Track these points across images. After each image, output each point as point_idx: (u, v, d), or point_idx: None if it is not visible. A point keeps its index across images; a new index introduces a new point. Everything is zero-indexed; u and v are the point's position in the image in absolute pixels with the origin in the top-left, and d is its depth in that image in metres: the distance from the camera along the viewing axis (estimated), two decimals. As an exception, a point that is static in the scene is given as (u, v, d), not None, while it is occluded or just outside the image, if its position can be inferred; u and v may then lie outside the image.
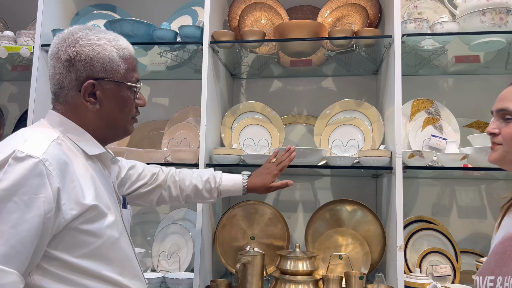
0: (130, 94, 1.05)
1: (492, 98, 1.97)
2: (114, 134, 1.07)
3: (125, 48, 1.03)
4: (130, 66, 1.04)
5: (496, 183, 1.94)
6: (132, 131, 1.10)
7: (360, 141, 1.82)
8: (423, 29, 1.63)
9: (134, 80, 1.05)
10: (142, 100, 1.09)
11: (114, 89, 1.01)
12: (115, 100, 1.02)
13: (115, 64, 1.01)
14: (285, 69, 2.12)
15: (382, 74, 1.90)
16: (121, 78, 1.02)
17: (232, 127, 1.97)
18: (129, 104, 1.05)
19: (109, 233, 0.94)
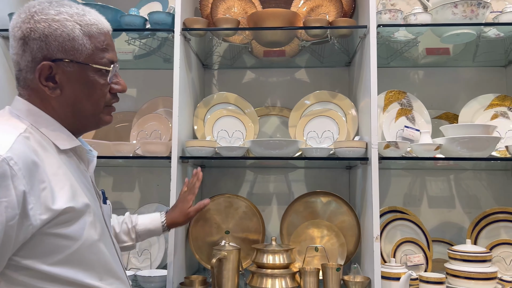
0: (99, 77, 0.91)
1: (459, 90, 2.05)
2: (84, 124, 0.95)
3: (93, 24, 0.90)
4: (99, 45, 0.91)
5: (464, 173, 2.00)
6: (110, 121, 0.98)
7: (335, 132, 1.81)
8: (398, 20, 1.64)
9: (105, 62, 0.92)
10: (120, 85, 0.96)
11: (77, 72, 0.89)
12: (80, 84, 0.90)
13: (77, 43, 0.87)
14: (258, 59, 2.08)
15: (356, 65, 1.90)
16: (86, 59, 0.89)
17: (205, 119, 1.91)
18: (99, 90, 0.92)
19: (87, 235, 0.85)
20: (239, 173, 2.09)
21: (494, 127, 1.58)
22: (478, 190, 1.98)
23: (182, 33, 1.68)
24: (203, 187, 2.08)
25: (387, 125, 1.78)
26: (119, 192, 2.11)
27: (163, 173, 2.07)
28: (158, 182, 2.10)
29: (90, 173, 0.99)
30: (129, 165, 2.08)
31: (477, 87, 2.00)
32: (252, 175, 2.09)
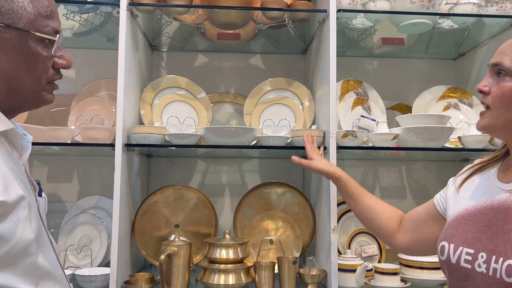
0: (41, 49, 0.78)
1: (412, 82, 2.06)
2: (22, 102, 0.80)
3: None
4: (43, 11, 0.78)
5: (415, 164, 2.02)
6: (52, 100, 0.84)
7: (292, 121, 1.75)
8: (357, 6, 1.60)
9: (49, 31, 0.79)
10: (65, 59, 0.83)
11: (15, 40, 0.75)
12: (18, 55, 0.76)
13: (17, 5, 0.74)
14: (211, 42, 1.96)
15: (313, 53, 1.84)
16: (27, 26, 0.76)
17: (152, 104, 1.77)
18: (41, 62, 0.79)
19: (20, 233, 0.71)
20: (190, 163, 1.97)
21: (448, 117, 1.59)
22: (428, 181, 2.02)
23: (128, 8, 1.52)
24: (150, 178, 1.94)
25: (344, 114, 1.75)
26: (55, 183, 1.91)
27: (105, 162, 1.90)
28: (100, 172, 1.93)
29: (23, 161, 0.84)
30: (66, 153, 1.88)
31: (428, 79, 2.03)
32: (203, 165, 1.98)
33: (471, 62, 1.95)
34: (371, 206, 1.22)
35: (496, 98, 0.87)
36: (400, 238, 1.14)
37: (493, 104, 0.88)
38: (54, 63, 0.82)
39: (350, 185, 1.27)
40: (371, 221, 1.21)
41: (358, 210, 1.25)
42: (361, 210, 1.24)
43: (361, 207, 1.24)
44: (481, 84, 0.90)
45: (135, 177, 1.69)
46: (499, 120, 0.87)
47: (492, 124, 0.89)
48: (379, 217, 1.19)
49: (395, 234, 1.15)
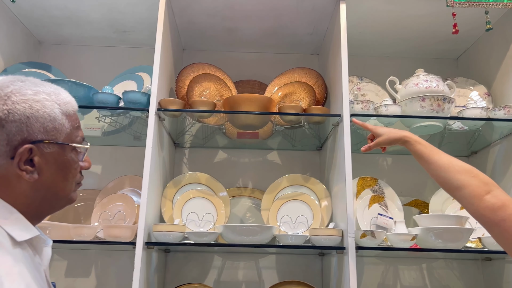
0: (75, 156, 0.87)
1: (427, 178, 2.09)
2: (53, 206, 0.86)
3: (68, 103, 0.87)
4: (75, 124, 0.88)
5: (436, 262, 1.96)
6: (76, 198, 0.91)
7: (309, 217, 1.76)
8: (370, 110, 1.69)
9: (80, 140, 0.88)
10: (87, 162, 0.92)
11: (56, 153, 0.83)
12: (57, 165, 0.84)
13: (58, 123, 0.83)
14: (231, 140, 2.06)
15: (328, 150, 1.91)
16: (65, 139, 0.85)
17: (173, 200, 1.81)
18: (74, 169, 0.87)
19: None
20: (207, 258, 1.96)
21: (466, 218, 1.59)
22: (450, 280, 1.94)
23: (157, 113, 1.65)
24: (166, 273, 1.92)
25: (361, 212, 1.76)
26: (73, 279, 1.90)
27: (123, 257, 1.90)
28: (117, 266, 1.92)
29: (44, 267, 0.87)
30: (86, 248, 1.90)
31: (443, 175, 2.05)
32: (220, 260, 1.96)
33: (484, 160, 1.98)
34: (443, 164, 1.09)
35: None
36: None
37: None
38: (80, 167, 0.90)
39: (419, 147, 1.20)
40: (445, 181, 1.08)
41: (431, 171, 1.14)
42: (433, 170, 1.13)
43: (433, 167, 1.13)
44: None
45: (152, 274, 1.67)
46: None
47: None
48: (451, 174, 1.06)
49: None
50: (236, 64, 2.21)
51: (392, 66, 2.22)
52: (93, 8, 1.88)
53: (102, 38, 2.13)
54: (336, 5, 1.79)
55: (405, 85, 1.76)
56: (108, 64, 2.17)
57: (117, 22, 1.99)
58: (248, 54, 2.24)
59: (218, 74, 1.96)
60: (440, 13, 1.79)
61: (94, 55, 2.20)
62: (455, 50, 2.18)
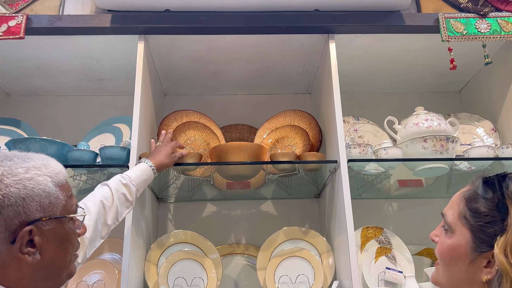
0: (72, 226, 0.91)
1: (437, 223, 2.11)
2: (55, 284, 0.88)
3: (59, 173, 0.90)
4: (68, 193, 0.91)
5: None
6: (75, 271, 0.94)
7: (310, 276, 1.77)
8: (368, 154, 1.74)
9: (75, 208, 0.92)
10: (83, 227, 0.95)
11: (55, 228, 0.86)
12: (58, 240, 0.87)
13: (53, 197, 0.86)
14: (221, 191, 2.09)
15: (327, 197, 1.95)
16: (62, 212, 0.88)
17: (158, 264, 1.82)
18: (73, 239, 0.91)
19: None
20: (198, 327, 1.94)
21: (482, 268, 1.61)
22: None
23: (137, 169, 1.68)
24: None
25: (367, 267, 1.77)
26: None
27: (104, 331, 1.88)
28: None
29: None
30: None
31: (454, 219, 2.08)
32: (213, 329, 1.94)
33: (497, 200, 2.02)
34: None
35: (437, 252, 0.91)
36: None
37: (438, 258, 0.91)
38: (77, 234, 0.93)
39: None
40: None
41: None
42: None
43: None
44: (433, 233, 0.96)
45: None
46: (443, 277, 0.90)
47: (438, 280, 0.91)
48: None
49: None
50: (222, 108, 2.28)
51: (390, 102, 2.30)
52: (66, 57, 1.95)
53: (76, 87, 2.20)
54: (326, 44, 1.88)
55: (405, 125, 1.82)
56: (83, 115, 2.23)
57: (93, 71, 2.06)
58: (235, 96, 2.32)
59: (203, 120, 2.02)
60: (437, 46, 1.89)
61: (68, 106, 2.26)
62: (457, 83, 2.27)
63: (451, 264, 0.87)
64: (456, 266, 0.87)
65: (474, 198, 0.89)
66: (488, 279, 0.82)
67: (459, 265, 0.86)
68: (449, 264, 0.88)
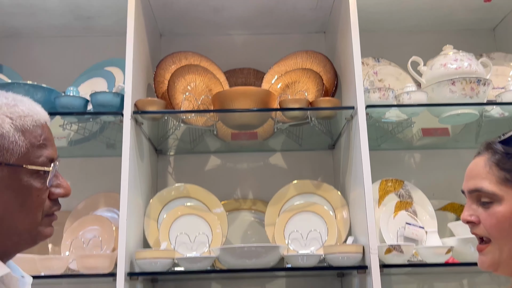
0: (34, 181, 0.86)
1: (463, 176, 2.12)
2: (16, 243, 0.87)
3: (27, 116, 0.87)
4: (36, 141, 0.87)
5: (480, 277, 2.00)
6: (50, 234, 0.90)
7: (323, 232, 1.80)
8: (389, 99, 1.72)
9: (43, 161, 0.87)
10: (62, 187, 0.90)
11: (7, 177, 0.84)
12: (10, 192, 0.84)
13: (7, 141, 0.83)
14: (225, 143, 2.09)
15: (342, 149, 1.94)
16: (19, 160, 0.84)
17: (159, 219, 1.85)
18: (35, 196, 0.86)
19: None
20: (202, 286, 2.00)
21: None
22: (498, 297, 1.98)
23: (133, 117, 1.68)
24: (155, 307, 1.96)
25: (385, 222, 1.79)
26: (43, 320, 1.94)
27: (103, 291, 1.94)
28: (96, 302, 1.96)
29: None
30: (57, 282, 1.94)
31: (483, 172, 2.08)
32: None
33: (531, 151, 2.01)
34: None
35: (491, 227, 0.92)
36: None
37: (491, 235, 0.92)
38: (50, 193, 0.89)
39: None
40: None
41: None
42: None
43: None
44: (466, 214, 0.96)
45: (138, 310, 1.72)
46: (503, 252, 0.92)
47: (497, 260, 0.93)
48: None
49: None
50: (225, 50, 2.24)
51: (415, 42, 2.24)
52: (49, -8, 1.91)
53: (61, 27, 2.16)
54: (343, -27, 1.82)
55: (431, 66, 1.78)
56: (71, 58, 2.20)
57: (79, 7, 2.02)
58: (240, 36, 2.27)
59: (205, 63, 1.99)
60: (469, -24, 1.82)
61: (54, 48, 2.23)
62: (491, 19, 2.20)
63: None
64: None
65: (506, 159, 0.93)
66: None
67: None
68: (509, 233, 0.91)
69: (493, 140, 0.98)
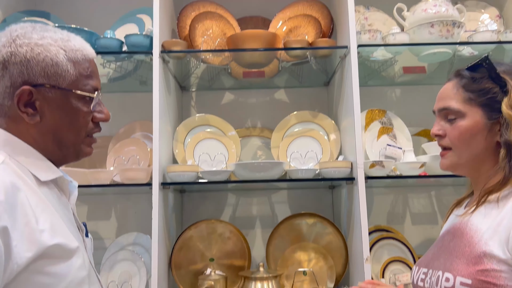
0: (81, 105, 0.87)
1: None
2: (65, 154, 0.89)
3: (78, 50, 0.86)
4: (84, 72, 0.87)
5: (445, 189, 2.02)
6: (90, 153, 0.93)
7: (318, 152, 1.80)
8: (377, 40, 1.66)
9: (89, 89, 0.88)
10: (103, 113, 0.92)
11: (59, 99, 0.84)
12: (61, 112, 0.85)
13: (61, 68, 0.84)
14: (237, 80, 2.05)
15: (335, 85, 1.91)
16: (69, 85, 0.85)
17: (185, 142, 1.86)
18: (81, 118, 0.87)
19: (75, 272, 0.79)
20: (221, 197, 2.04)
21: (474, 143, 1.61)
22: (458, 205, 2.01)
23: (161, 56, 1.64)
24: (183, 212, 2.01)
25: (370, 144, 1.79)
26: (95, 221, 2.00)
27: (141, 200, 1.99)
28: (136, 209, 2.01)
29: (71, 205, 0.93)
30: (104, 192, 1.98)
31: (452, 104, 2.04)
32: (234, 198, 2.04)
33: (494, 86, 1.96)
34: None
35: (455, 138, 0.94)
36: None
37: (453, 143, 0.95)
38: (93, 117, 0.90)
39: None
40: None
41: None
42: None
43: None
44: (435, 129, 0.99)
45: (170, 213, 1.76)
46: (461, 158, 0.95)
47: (455, 163, 0.96)
48: None
49: None
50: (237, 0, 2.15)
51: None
52: None
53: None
54: None
55: (413, 11, 1.71)
56: (107, 9, 2.12)
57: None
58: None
59: (220, 11, 1.92)
60: None
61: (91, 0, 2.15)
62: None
63: (470, 142, 0.93)
64: (475, 141, 0.93)
65: (471, 82, 0.95)
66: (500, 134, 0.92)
67: (478, 139, 0.92)
68: (468, 143, 0.93)
69: (462, 68, 0.99)
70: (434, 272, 0.92)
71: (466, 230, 0.91)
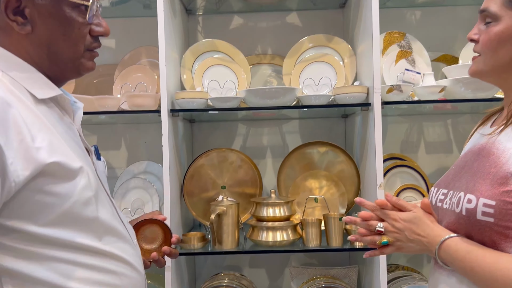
0: (76, 14, 0.80)
1: (458, 31, 1.97)
2: (63, 70, 0.83)
3: None
4: None
5: (462, 117, 1.96)
6: (92, 67, 0.86)
7: (333, 78, 1.73)
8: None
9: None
10: (102, 27, 0.85)
11: (50, 5, 0.77)
12: (54, 21, 0.78)
13: None
14: (246, 2, 1.93)
15: (352, 6, 1.78)
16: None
17: (192, 69, 1.79)
18: (76, 29, 0.80)
19: (80, 192, 0.76)
20: (231, 126, 2.00)
21: (499, 66, 1.52)
22: (475, 134, 1.96)
23: (164, -27, 1.52)
24: (193, 142, 2.00)
25: (387, 69, 1.71)
26: (105, 151, 2.00)
27: (150, 129, 1.96)
28: (146, 138, 2.00)
29: (77, 126, 0.89)
30: (113, 121, 1.96)
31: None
32: (244, 128, 2.01)
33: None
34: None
35: (483, 43, 0.88)
36: None
37: (481, 49, 0.89)
38: (91, 30, 0.83)
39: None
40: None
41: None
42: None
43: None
44: (471, 33, 0.92)
45: (180, 142, 1.74)
46: (486, 65, 0.89)
47: (480, 69, 0.91)
48: None
49: None
50: None
51: None
52: None
53: None
54: None
55: None
56: None
57: None
58: None
59: None
60: None
61: None
62: None
63: (498, 48, 0.87)
64: (504, 49, 0.86)
65: None
66: None
67: (508, 47, 0.86)
68: (496, 49, 0.87)
69: None
70: (455, 193, 0.90)
71: (493, 150, 0.86)
